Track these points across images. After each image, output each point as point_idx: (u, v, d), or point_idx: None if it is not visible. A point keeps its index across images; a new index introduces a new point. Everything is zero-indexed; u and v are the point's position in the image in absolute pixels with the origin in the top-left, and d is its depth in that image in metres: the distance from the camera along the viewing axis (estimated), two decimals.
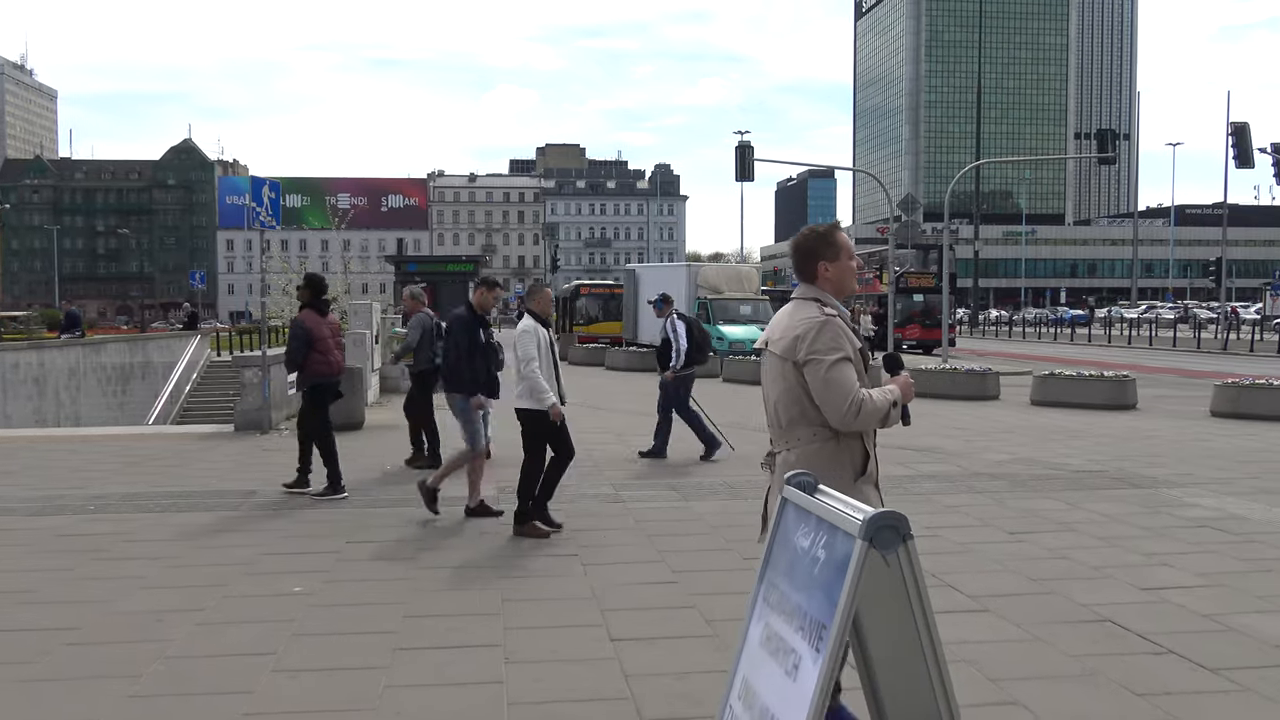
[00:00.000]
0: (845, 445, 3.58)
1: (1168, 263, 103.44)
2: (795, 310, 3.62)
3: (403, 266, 33.63)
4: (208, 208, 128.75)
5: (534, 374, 7.01)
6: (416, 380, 10.85)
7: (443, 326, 10.99)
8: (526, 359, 7.03)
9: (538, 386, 7.02)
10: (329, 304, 8.86)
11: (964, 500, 8.50)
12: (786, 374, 3.55)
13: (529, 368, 7.02)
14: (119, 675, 4.45)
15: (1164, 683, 4.36)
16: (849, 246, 3.66)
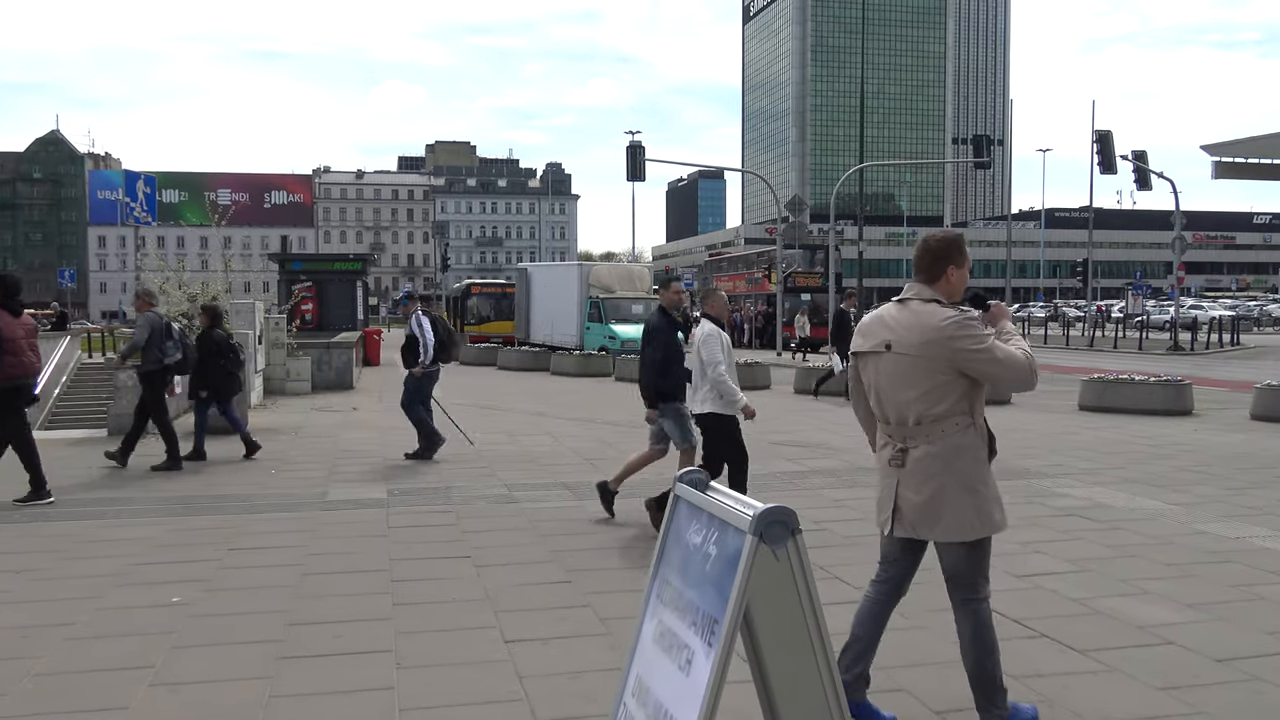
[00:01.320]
0: (979, 428, 3.77)
1: (1039, 263, 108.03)
2: (922, 312, 3.73)
3: (287, 265, 32.70)
4: (77, 202, 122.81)
5: (723, 377, 6.94)
6: (144, 381, 10.55)
7: (173, 326, 10.83)
8: (714, 363, 6.95)
9: (728, 390, 6.96)
10: (22, 305, 8.52)
11: (850, 494, 8.73)
12: (933, 371, 3.66)
13: (717, 371, 6.94)
14: None
15: (1037, 665, 4.56)
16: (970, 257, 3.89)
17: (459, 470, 10.02)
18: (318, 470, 10.08)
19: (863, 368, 3.95)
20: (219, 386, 10.96)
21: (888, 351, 3.77)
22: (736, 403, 7.03)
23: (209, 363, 10.86)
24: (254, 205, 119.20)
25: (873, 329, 3.87)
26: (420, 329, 10.99)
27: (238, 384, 11.37)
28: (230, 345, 11.18)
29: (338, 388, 20.19)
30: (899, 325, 3.78)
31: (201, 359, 10.84)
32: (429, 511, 8.03)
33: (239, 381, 11.39)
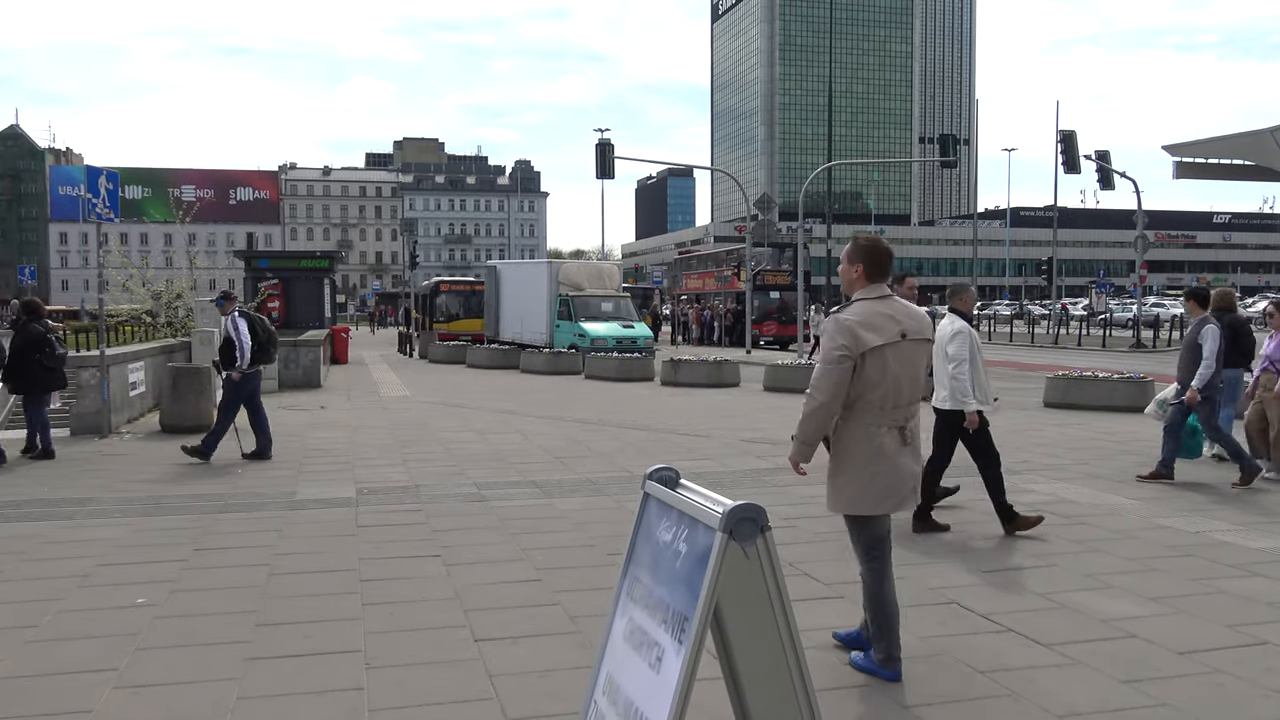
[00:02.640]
0: None
1: (1005, 262, 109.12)
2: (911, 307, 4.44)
3: (253, 262, 32.36)
4: (38, 199, 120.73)
5: (963, 375, 6.92)
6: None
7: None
8: (959, 360, 6.93)
9: (963, 389, 6.94)
10: None
11: (819, 491, 8.71)
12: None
13: (960, 369, 6.92)
14: None
15: (1003, 659, 4.61)
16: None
17: (428, 469, 9.97)
18: (285, 469, 9.99)
19: (873, 361, 4.17)
20: (36, 382, 10.71)
21: (904, 340, 4.22)
22: (966, 405, 6.97)
23: (25, 357, 10.60)
24: (219, 202, 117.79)
25: (883, 324, 4.21)
26: (236, 331, 10.58)
27: (59, 380, 11.03)
28: (48, 339, 10.81)
29: (305, 386, 20.02)
30: (906, 316, 4.29)
31: (19, 353, 10.60)
32: (398, 510, 7.98)
33: (60, 377, 11.05)
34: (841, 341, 4.14)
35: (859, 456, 4.27)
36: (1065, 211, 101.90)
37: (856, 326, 4.16)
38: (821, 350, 4.23)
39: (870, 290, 4.29)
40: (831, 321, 4.24)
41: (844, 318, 4.20)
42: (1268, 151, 17.64)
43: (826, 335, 4.20)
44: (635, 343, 27.04)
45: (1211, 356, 8.80)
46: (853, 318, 4.20)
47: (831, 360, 4.16)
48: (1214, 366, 8.78)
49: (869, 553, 4.40)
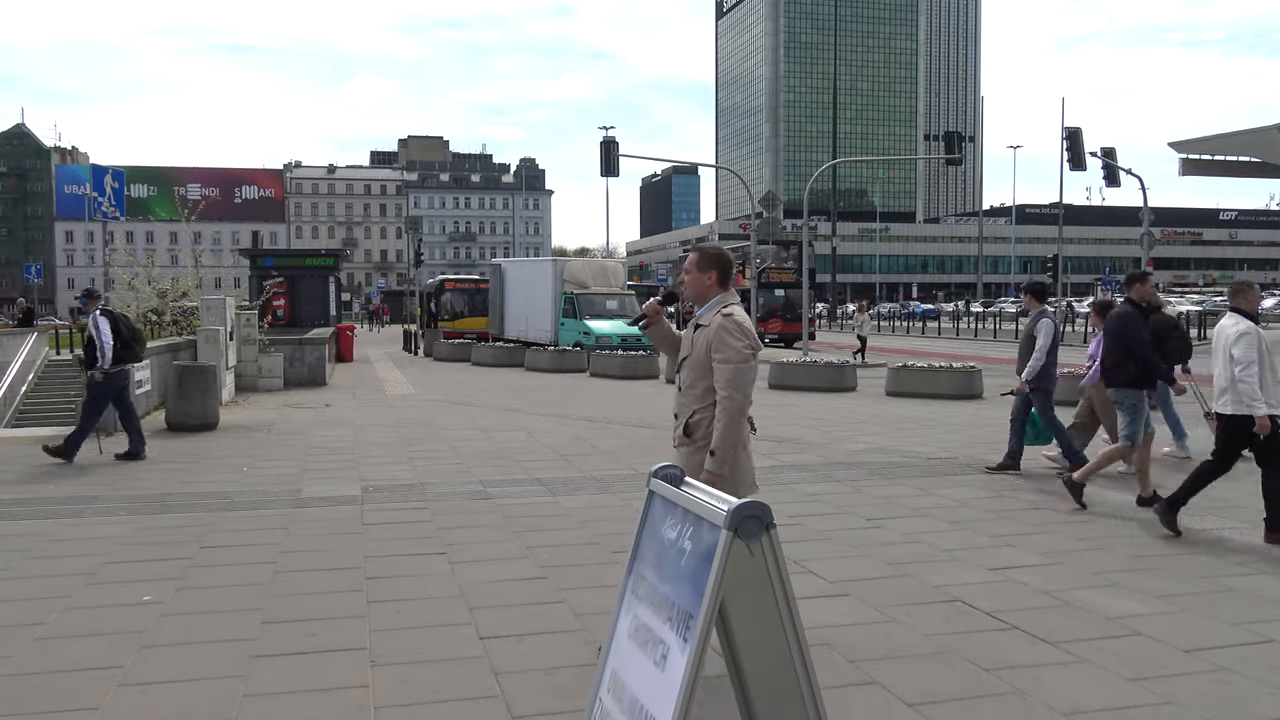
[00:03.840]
0: None
1: (1010, 259, 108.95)
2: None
3: (259, 260, 32.44)
4: (44, 197, 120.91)
5: (1251, 378, 6.63)
6: None
7: None
8: (1245, 362, 6.64)
9: (1251, 393, 6.64)
10: None
11: (824, 489, 8.78)
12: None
13: (1247, 371, 6.64)
14: None
15: (1009, 657, 4.61)
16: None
17: (433, 467, 9.98)
18: (291, 467, 10.01)
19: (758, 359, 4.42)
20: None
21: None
22: (1255, 409, 6.63)
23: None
24: (224, 200, 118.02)
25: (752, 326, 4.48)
26: (97, 330, 10.45)
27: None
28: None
29: (310, 384, 20.05)
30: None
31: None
32: (403, 508, 7.99)
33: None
34: (748, 340, 4.32)
35: (740, 450, 4.41)
36: (1071, 209, 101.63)
37: (752, 327, 4.40)
38: (728, 351, 4.26)
39: (729, 295, 4.48)
40: (730, 322, 4.32)
41: (741, 319, 4.36)
42: (1274, 148, 17.56)
43: (730, 335, 4.29)
44: (640, 340, 27.01)
45: (1043, 350, 9.11)
46: (746, 321, 4.40)
47: (744, 360, 4.30)
48: (1044, 359, 9.11)
49: None
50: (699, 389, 4.40)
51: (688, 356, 4.48)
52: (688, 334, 4.55)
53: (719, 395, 4.30)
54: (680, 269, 25.30)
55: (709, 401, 4.36)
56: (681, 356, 4.55)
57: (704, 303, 4.49)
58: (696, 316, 4.51)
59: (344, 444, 11.70)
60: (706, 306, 4.47)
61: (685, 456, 4.42)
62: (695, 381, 4.42)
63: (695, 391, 4.42)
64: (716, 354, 4.31)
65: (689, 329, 4.56)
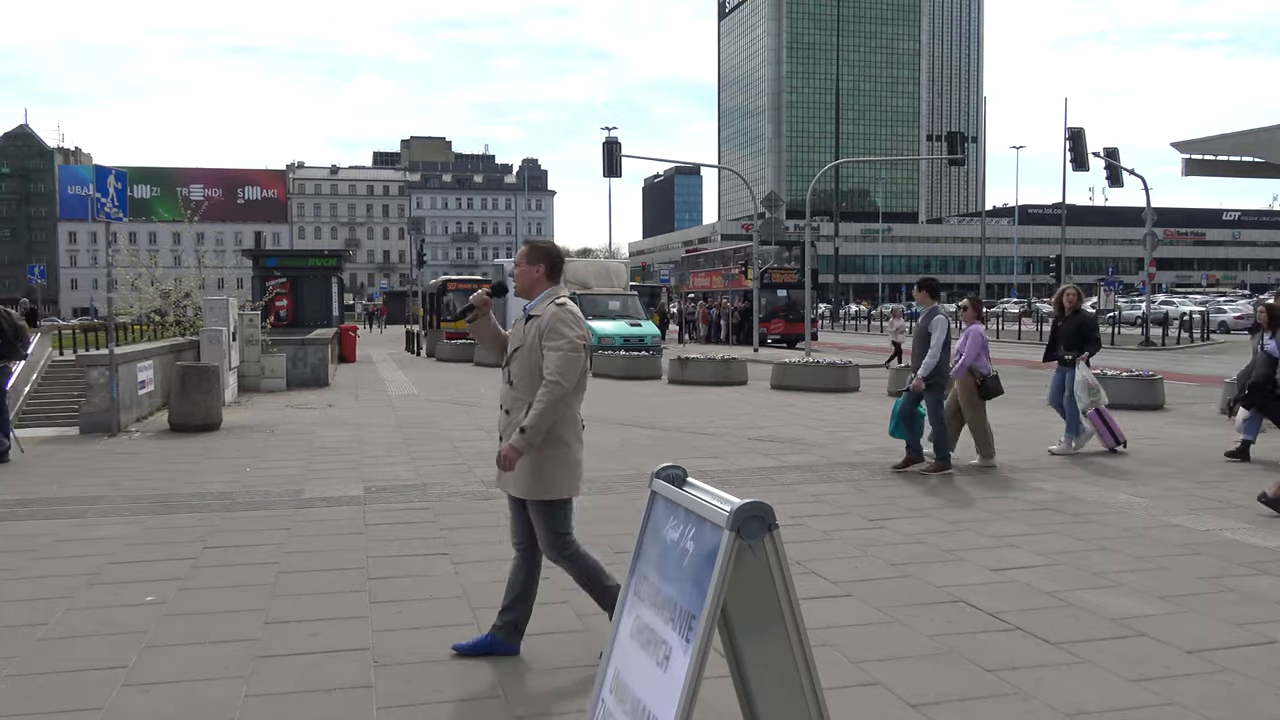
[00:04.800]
0: None
1: (1013, 260, 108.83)
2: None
3: (261, 261, 32.41)
4: (47, 198, 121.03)
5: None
6: None
7: None
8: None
9: None
10: None
11: (826, 489, 8.77)
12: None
13: None
14: None
15: (1011, 658, 4.60)
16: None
17: (435, 467, 9.99)
18: (294, 468, 10.02)
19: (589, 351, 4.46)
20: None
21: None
22: None
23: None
24: (227, 201, 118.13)
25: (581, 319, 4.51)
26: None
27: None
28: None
29: (313, 385, 20.06)
30: None
31: None
32: (406, 509, 8.00)
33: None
34: (581, 331, 4.35)
35: (568, 442, 4.44)
36: (1074, 209, 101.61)
37: (582, 318, 4.43)
38: (559, 340, 4.26)
39: (559, 289, 4.51)
40: (565, 312, 4.33)
41: (575, 310, 4.40)
42: (1278, 148, 17.54)
43: (564, 324, 4.30)
44: (642, 341, 27.02)
45: (938, 346, 9.21)
46: (578, 312, 4.43)
47: (577, 349, 4.30)
48: (939, 355, 9.18)
49: (566, 536, 4.56)
50: (531, 382, 4.33)
51: (519, 348, 4.41)
52: (518, 326, 4.50)
53: (546, 378, 4.24)
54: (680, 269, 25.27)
55: None
56: (512, 348, 4.47)
57: (533, 295, 4.49)
58: (528, 308, 4.48)
59: (347, 444, 11.70)
60: (538, 299, 4.46)
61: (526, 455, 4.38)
62: (528, 375, 4.35)
63: (527, 384, 4.35)
64: (548, 341, 4.28)
65: (520, 320, 4.52)
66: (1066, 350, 10.65)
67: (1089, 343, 10.67)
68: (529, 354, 4.35)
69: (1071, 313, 10.79)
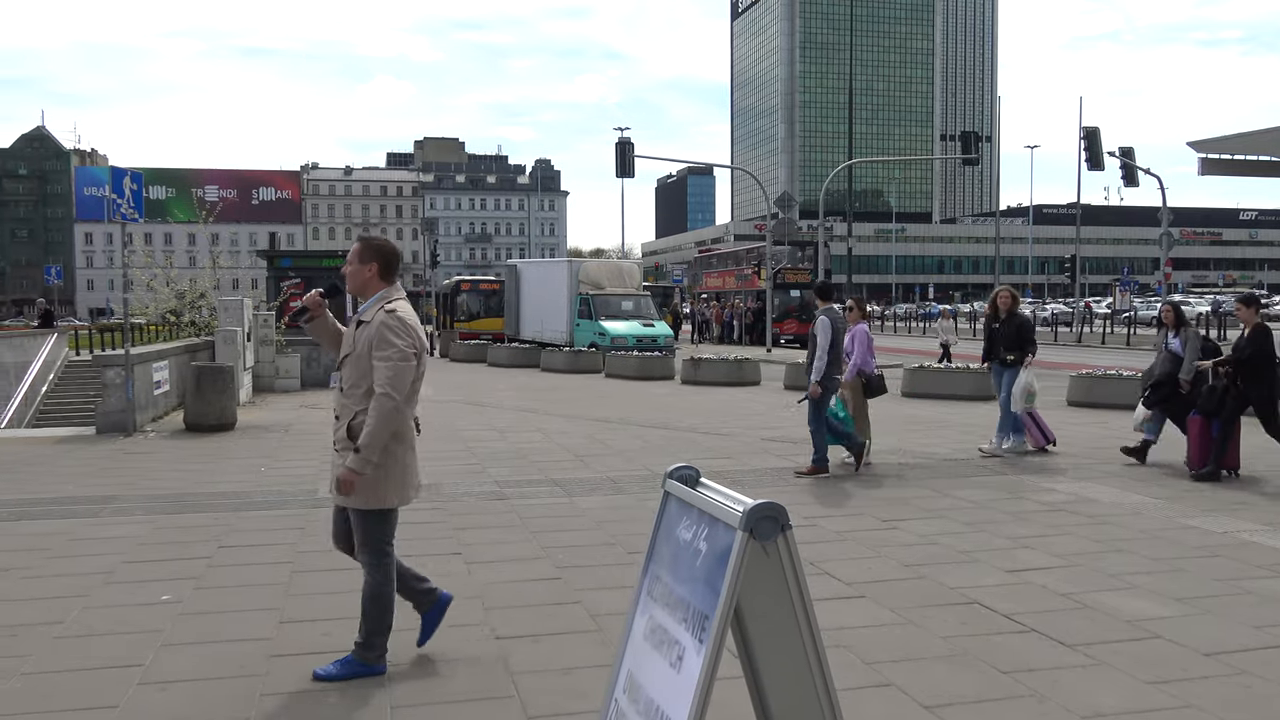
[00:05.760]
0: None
1: (1027, 260, 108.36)
2: None
3: (276, 261, 32.51)
4: (63, 199, 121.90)
5: None
6: None
7: None
8: None
9: None
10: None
11: (841, 491, 8.75)
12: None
13: None
14: None
15: (1027, 660, 4.58)
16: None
17: (449, 467, 10.00)
18: (308, 467, 10.05)
19: (423, 357, 4.34)
20: None
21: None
22: None
23: None
24: (242, 202, 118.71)
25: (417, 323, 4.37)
26: None
27: None
28: None
29: (327, 385, 20.12)
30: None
31: None
32: (418, 509, 7.98)
33: None
34: (410, 339, 4.21)
35: (395, 450, 4.29)
36: (1089, 209, 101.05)
37: (416, 324, 4.29)
38: (389, 349, 4.14)
39: (394, 290, 4.37)
40: (393, 319, 4.20)
41: (404, 315, 4.25)
42: None
43: (392, 333, 4.15)
44: (655, 341, 27.01)
45: (824, 349, 9.28)
46: (408, 315, 4.29)
47: (406, 358, 4.18)
48: (826, 358, 9.27)
49: (385, 548, 4.44)
50: (362, 389, 4.22)
51: (349, 354, 4.28)
52: (349, 331, 4.38)
53: (376, 393, 4.13)
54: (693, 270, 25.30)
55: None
56: (343, 354, 4.35)
57: (366, 296, 4.36)
58: (359, 312, 4.36)
59: None
60: (370, 302, 4.35)
61: (347, 460, 4.29)
62: (358, 381, 4.23)
63: (358, 392, 4.23)
64: (377, 352, 4.15)
65: (351, 325, 4.40)
66: (1007, 352, 10.69)
67: (1029, 344, 10.70)
68: (358, 361, 4.23)
69: (1008, 315, 10.85)
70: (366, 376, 4.19)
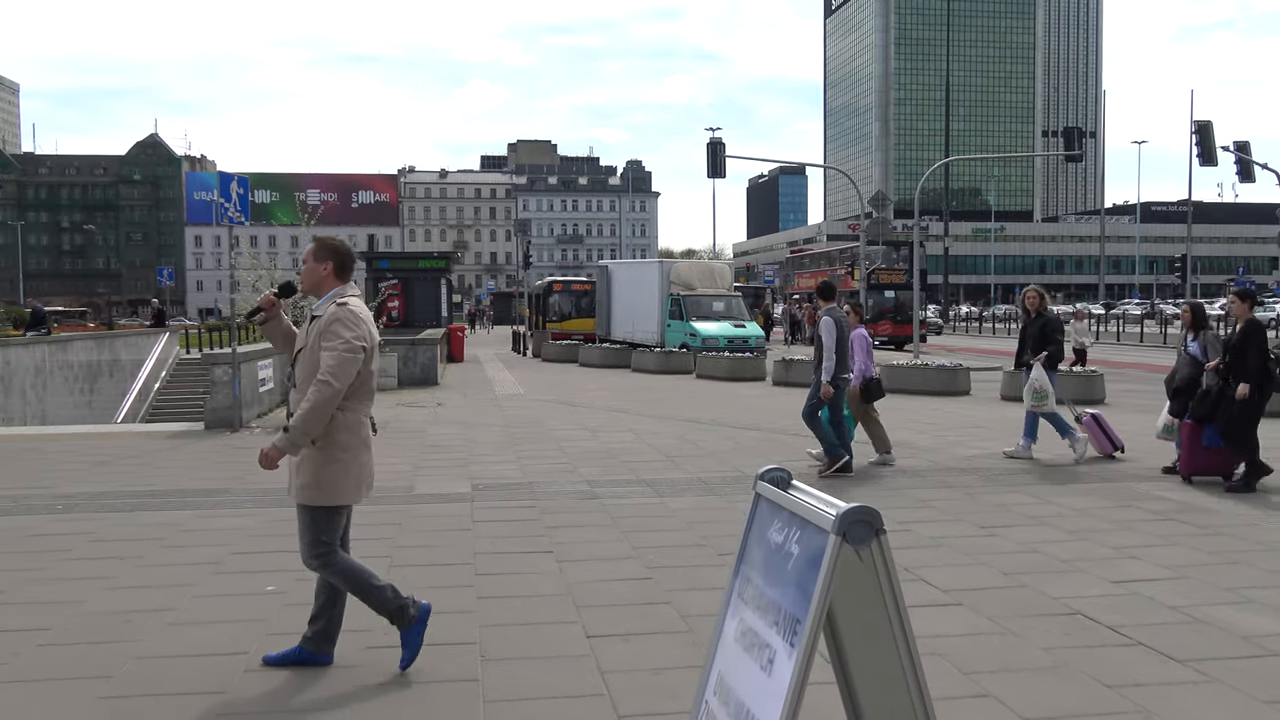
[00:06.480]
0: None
1: (1134, 259, 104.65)
2: None
3: (374, 263, 33.44)
4: (175, 203, 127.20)
5: None
6: None
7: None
8: None
9: None
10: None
11: (936, 495, 8.57)
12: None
13: None
14: (90, 676, 4.40)
15: (1133, 674, 4.41)
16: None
17: (541, 466, 10.12)
18: (404, 464, 10.28)
19: (372, 353, 4.38)
20: None
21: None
22: None
23: None
24: (342, 205, 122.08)
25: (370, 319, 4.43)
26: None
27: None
28: None
29: (423, 384, 20.56)
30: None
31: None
32: (512, 506, 8.12)
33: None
34: (360, 332, 4.24)
35: (351, 446, 4.33)
36: (1200, 206, 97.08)
37: (367, 318, 4.34)
38: (336, 340, 4.16)
39: (348, 288, 4.41)
40: (345, 312, 4.24)
41: (355, 309, 4.29)
42: None
43: (342, 325, 4.19)
44: (747, 342, 26.89)
45: (830, 350, 9.23)
46: (360, 310, 4.32)
47: (353, 349, 4.19)
48: (833, 358, 9.27)
49: (329, 544, 4.44)
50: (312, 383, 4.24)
51: (302, 349, 4.32)
52: (304, 327, 4.40)
53: (317, 378, 4.14)
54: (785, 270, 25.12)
55: None
56: (296, 349, 4.38)
57: (321, 293, 4.41)
58: (314, 309, 4.39)
59: (455, 442, 11.95)
60: (324, 298, 4.37)
61: (300, 457, 4.29)
62: (308, 377, 4.24)
63: (309, 386, 4.24)
64: (325, 341, 4.19)
65: (305, 322, 4.41)
66: (1032, 354, 10.41)
67: (1050, 344, 10.39)
68: (310, 354, 4.27)
69: (1035, 315, 10.57)
70: (317, 370, 4.22)
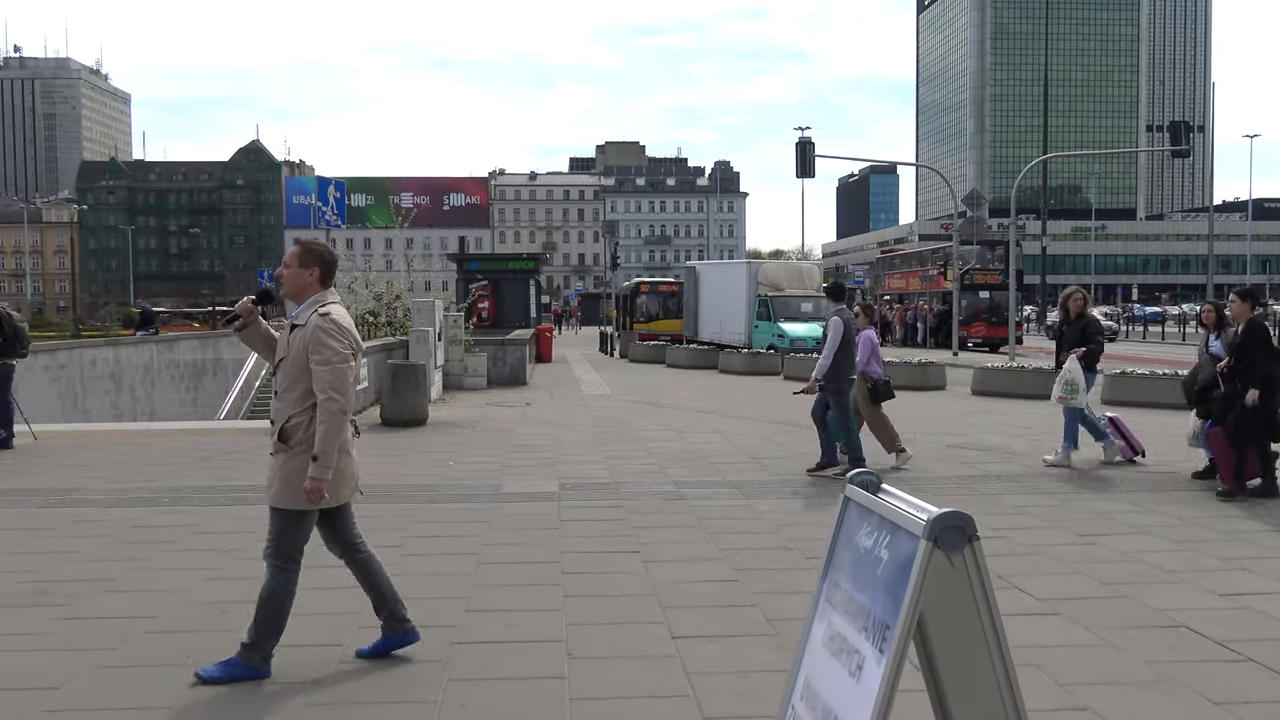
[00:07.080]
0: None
1: (1245, 258, 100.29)
2: None
3: (465, 264, 34.04)
4: (275, 207, 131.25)
5: None
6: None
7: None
8: None
9: None
10: None
11: (1031, 501, 8.33)
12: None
13: None
14: (191, 665, 4.55)
15: (1242, 691, 4.22)
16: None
17: (628, 466, 10.15)
18: (493, 463, 10.41)
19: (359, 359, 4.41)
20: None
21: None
22: None
23: None
24: (434, 207, 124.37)
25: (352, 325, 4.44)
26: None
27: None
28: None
29: (512, 384, 20.83)
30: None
31: None
32: (599, 506, 8.16)
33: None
34: (346, 340, 4.24)
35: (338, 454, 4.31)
36: None
37: (351, 325, 4.32)
38: (326, 352, 4.15)
39: (329, 294, 4.37)
40: (328, 322, 4.20)
41: (339, 318, 4.26)
42: None
43: (328, 335, 4.17)
44: None
45: (831, 349, 9.28)
46: (342, 318, 4.30)
47: (344, 360, 4.20)
48: (831, 358, 9.27)
49: (293, 550, 4.46)
50: (296, 392, 4.23)
51: (284, 358, 4.28)
52: (284, 334, 4.35)
53: (319, 398, 4.14)
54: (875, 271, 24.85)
55: (306, 405, 4.22)
56: (278, 358, 4.34)
57: (302, 300, 4.34)
58: (293, 316, 4.32)
59: (543, 442, 12.07)
60: (304, 305, 4.30)
61: (281, 463, 4.26)
62: (292, 385, 4.23)
63: (292, 395, 4.24)
64: (314, 355, 4.16)
65: (285, 329, 4.36)
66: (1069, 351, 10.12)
67: (1089, 342, 10.07)
68: (292, 364, 4.25)
69: (1077, 317, 10.28)
70: (300, 380, 4.24)
